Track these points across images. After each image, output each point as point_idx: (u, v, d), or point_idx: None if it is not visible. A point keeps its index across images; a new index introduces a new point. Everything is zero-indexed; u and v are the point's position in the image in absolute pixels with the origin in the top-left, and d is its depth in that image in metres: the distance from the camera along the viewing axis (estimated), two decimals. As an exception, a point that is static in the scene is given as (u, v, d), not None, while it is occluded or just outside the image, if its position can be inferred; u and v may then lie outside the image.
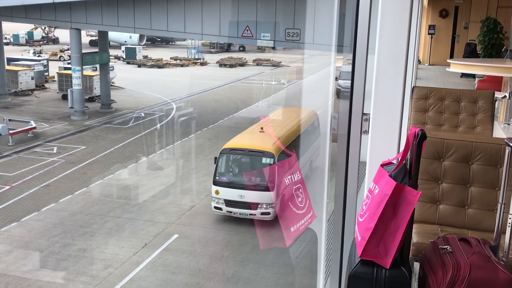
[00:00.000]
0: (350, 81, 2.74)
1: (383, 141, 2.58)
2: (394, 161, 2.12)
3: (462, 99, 5.58)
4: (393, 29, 2.50)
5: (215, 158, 16.41)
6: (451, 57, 23.24)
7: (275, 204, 12.72)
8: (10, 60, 41.46)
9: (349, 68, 2.63)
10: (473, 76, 17.08)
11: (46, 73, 43.88)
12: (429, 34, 25.37)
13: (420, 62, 24.26)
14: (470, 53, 20.81)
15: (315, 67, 50.08)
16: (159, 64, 57.44)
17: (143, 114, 33.50)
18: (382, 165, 2.10)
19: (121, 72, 45.79)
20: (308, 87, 43.84)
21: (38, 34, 73.31)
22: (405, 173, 2.00)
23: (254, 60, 62.48)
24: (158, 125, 31.21)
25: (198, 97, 41.61)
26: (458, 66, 11.08)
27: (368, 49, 2.65)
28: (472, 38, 21.97)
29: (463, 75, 18.19)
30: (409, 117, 5.44)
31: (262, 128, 17.05)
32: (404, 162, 2.03)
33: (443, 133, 5.00)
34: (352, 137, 2.69)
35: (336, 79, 21.60)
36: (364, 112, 2.69)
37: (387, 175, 1.98)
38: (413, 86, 5.88)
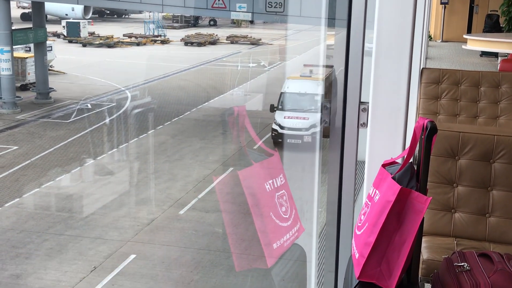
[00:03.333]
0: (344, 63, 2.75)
1: (385, 136, 2.60)
2: (399, 160, 2.13)
3: (481, 83, 5.64)
4: (396, -4, 2.51)
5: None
6: (469, 32, 23.53)
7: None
8: None
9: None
10: (495, 55, 17.31)
11: (-34, 55, 43.30)
12: (441, 3, 25.68)
13: (431, 38, 24.57)
14: (492, 26, 21.13)
15: (303, 45, 50.27)
16: (109, 43, 57.04)
17: (89, 106, 33.27)
18: (383, 166, 2.11)
19: (61, 53, 45.33)
20: (294, 70, 43.94)
21: (-45, 6, 72.15)
22: (412, 174, 2.02)
23: (227, 37, 62.45)
24: (108, 120, 31.00)
25: (158, 83, 41.43)
26: (476, 43, 11.22)
27: (365, 23, 2.66)
28: (494, 8, 22.26)
29: (483, 53, 18.45)
30: (417, 106, 5.50)
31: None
32: (410, 161, 2.04)
33: (459, 125, 5.05)
34: (348, 131, 2.70)
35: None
36: (361, 100, 2.70)
37: (390, 177, 1.99)
38: (422, 68, 5.94)
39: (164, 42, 60.91)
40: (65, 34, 58.70)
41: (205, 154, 24.73)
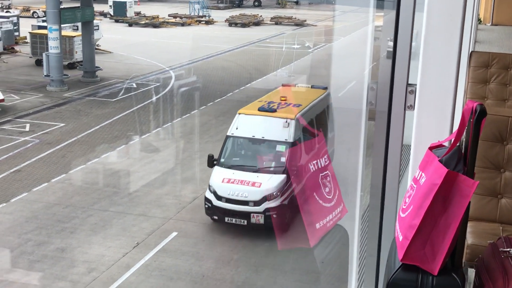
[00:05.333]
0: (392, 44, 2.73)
1: (432, 119, 2.57)
2: (446, 144, 2.11)
3: (532, 67, 5.52)
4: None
5: None
6: (521, 14, 22.85)
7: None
8: (-29, 17, 41.77)
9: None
10: (547, 39, 16.82)
11: (16, 33, 44.19)
12: (492, -14, 24.95)
13: (481, 21, 23.94)
14: (545, 10, 20.44)
15: (349, 27, 49.71)
16: (154, 23, 57.46)
17: (135, 85, 33.65)
18: (430, 148, 2.10)
19: (108, 33, 45.91)
20: (339, 52, 43.52)
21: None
22: (459, 158, 2.00)
23: (272, 18, 62.24)
24: (154, 98, 31.36)
25: (202, 63, 41.62)
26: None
27: (415, 4, 2.63)
28: (548, -10, 21.57)
29: (535, 37, 17.92)
30: (465, 90, 5.41)
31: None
32: (458, 144, 2.02)
33: (508, 109, 4.96)
34: (394, 113, 2.68)
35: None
36: (409, 82, 2.68)
37: (437, 160, 1.98)
38: (471, 51, 5.83)
39: (208, 22, 61.06)
40: (112, 14, 59.39)
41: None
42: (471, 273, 2.34)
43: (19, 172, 19.84)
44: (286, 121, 15.73)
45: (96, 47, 38.39)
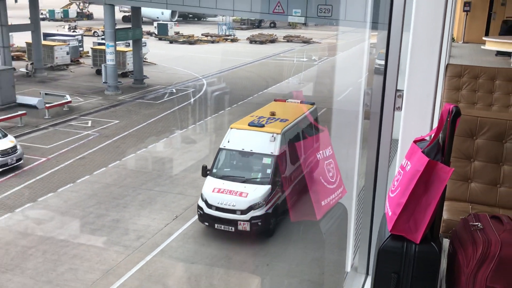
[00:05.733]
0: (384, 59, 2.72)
1: (416, 118, 2.57)
2: (427, 138, 2.10)
3: (497, 77, 5.45)
4: (429, 6, 2.46)
5: None
6: (486, 35, 22.56)
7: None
8: (46, 35, 42.13)
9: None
10: (508, 54, 16.58)
11: (81, 48, 44.51)
12: (464, 11, 24.65)
13: (454, 40, 23.63)
14: (507, 31, 20.16)
15: (347, 44, 49.37)
16: (190, 41, 57.51)
17: (174, 90, 33.76)
18: (415, 142, 2.09)
19: (153, 48, 46.04)
20: (340, 63, 43.28)
21: (73, 12, 74.21)
22: (438, 150, 1.99)
23: (284, 37, 61.96)
24: (192, 100, 31.47)
25: (228, 73, 41.61)
26: (493, 44, 10.78)
27: (403, 26, 2.62)
28: (510, 15, 21.25)
29: (498, 53, 17.67)
30: (442, 95, 5.35)
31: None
32: (437, 139, 2.01)
33: (477, 111, 4.91)
34: (385, 113, 2.68)
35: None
36: (397, 88, 2.67)
37: (420, 151, 1.97)
38: (447, 64, 5.76)
39: (233, 40, 60.99)
40: (156, 33, 59.53)
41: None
42: (446, 242, 2.33)
43: (83, 158, 20.00)
44: (272, 136, 14.32)
45: (144, 59, 38.56)
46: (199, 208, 14.06)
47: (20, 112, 24.13)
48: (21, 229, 14.19)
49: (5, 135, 19.01)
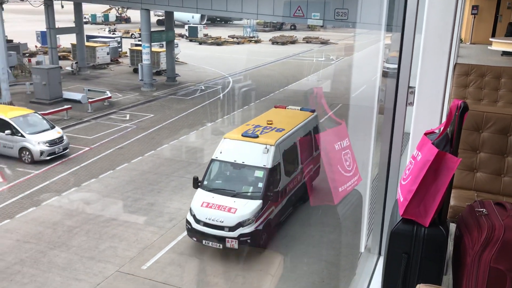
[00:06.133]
0: (397, 60, 2.71)
1: (427, 112, 2.56)
2: (437, 131, 2.10)
3: (502, 75, 5.35)
4: (440, 10, 2.44)
5: None
6: (493, 36, 22.05)
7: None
8: (88, 37, 42.66)
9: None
10: (513, 54, 16.21)
11: (120, 49, 44.96)
12: (472, 14, 24.13)
13: (462, 41, 23.17)
14: (512, 32, 19.66)
15: (362, 45, 48.79)
16: (218, 42, 57.60)
17: (203, 87, 33.89)
18: (425, 134, 2.09)
19: (184, 49, 46.24)
20: (355, 63, 42.87)
21: (112, 16, 74.98)
22: (447, 141, 1.99)
23: (304, 38, 61.58)
24: (220, 95, 31.60)
25: (253, 72, 41.57)
26: (499, 45, 10.55)
27: (416, 28, 2.60)
28: (515, 18, 20.72)
29: (504, 53, 17.28)
30: (450, 92, 5.28)
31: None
32: (446, 131, 2.01)
33: (483, 106, 4.84)
34: (398, 108, 2.67)
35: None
36: (410, 85, 2.66)
37: (430, 143, 1.98)
38: (455, 63, 5.68)
39: (257, 41, 60.84)
40: (187, 35, 59.74)
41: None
42: (452, 227, 2.32)
43: (122, 148, 20.26)
44: (266, 147, 12.58)
45: (176, 59, 38.78)
46: (187, 222, 12.35)
47: (66, 106, 24.54)
48: (67, 210, 14.47)
49: (53, 127, 19.36)
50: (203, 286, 11.38)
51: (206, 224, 11.95)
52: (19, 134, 18.09)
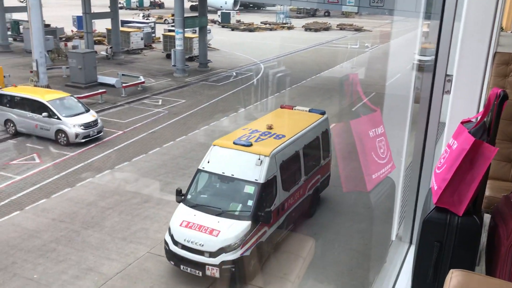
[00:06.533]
0: (435, 47, 2.68)
1: (464, 101, 2.53)
2: (474, 120, 2.08)
3: (543, 65, 5.18)
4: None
5: None
6: (536, 24, 21.20)
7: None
8: (123, 23, 43.27)
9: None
10: (558, 43, 15.58)
11: (153, 35, 45.43)
12: (514, 1, 23.22)
13: (503, 29, 22.38)
14: (557, 20, 18.85)
15: (398, 32, 47.81)
16: (250, 28, 57.44)
17: (235, 73, 33.97)
18: (462, 123, 2.07)
19: (216, 35, 46.32)
20: (390, 50, 42.09)
21: (147, 1, 75.73)
22: (484, 131, 1.97)
23: (338, 25, 60.75)
24: (250, 82, 31.66)
25: (285, 58, 41.36)
26: (543, 34, 10.12)
27: (455, 15, 2.56)
28: (560, 5, 19.86)
29: (547, 42, 16.65)
30: (489, 82, 5.16)
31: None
32: (483, 121, 1.99)
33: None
34: (434, 96, 2.65)
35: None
36: (447, 73, 2.63)
37: (467, 131, 1.96)
38: (495, 52, 5.53)
39: (289, 28, 60.38)
40: (220, 21, 59.79)
41: (316, 112, 24.60)
42: (486, 218, 2.31)
43: (154, 133, 20.59)
44: (259, 158, 10.73)
45: (208, 45, 38.92)
46: (166, 242, 10.66)
47: (100, 90, 25.05)
48: (101, 192, 14.86)
49: (88, 110, 19.83)
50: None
51: (185, 247, 10.21)
52: (56, 117, 18.61)
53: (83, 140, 18.67)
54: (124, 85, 26.57)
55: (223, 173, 11.09)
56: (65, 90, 22.92)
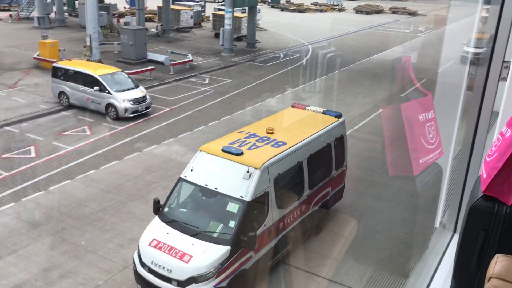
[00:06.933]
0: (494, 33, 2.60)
1: None
2: (531, 108, 2.03)
3: None
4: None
5: None
6: None
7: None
8: (174, 1, 43.75)
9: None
10: None
11: (203, 13, 45.75)
12: None
13: None
14: None
15: (454, 18, 46.00)
16: (300, 9, 56.79)
17: (282, 54, 33.80)
18: (517, 110, 2.03)
19: (265, 15, 46.10)
20: (445, 36, 40.61)
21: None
22: (540, 119, 1.93)
23: (390, 8, 59.08)
24: (300, 63, 31.48)
25: (334, 40, 40.73)
26: None
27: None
28: None
29: None
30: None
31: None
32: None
33: None
34: (489, 82, 2.58)
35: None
36: (505, 59, 2.56)
37: (522, 119, 1.93)
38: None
39: (340, 10, 59.26)
40: (269, 1, 59.43)
41: (362, 97, 24.22)
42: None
43: (200, 111, 20.89)
44: (248, 171, 9.04)
45: (257, 25, 38.79)
46: (134, 262, 9.29)
47: (150, 67, 25.58)
48: (147, 166, 15.30)
49: (137, 86, 20.32)
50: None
51: (151, 271, 8.81)
52: (106, 91, 19.20)
53: (132, 115, 19.20)
54: (172, 62, 27.00)
55: (206, 185, 9.36)
56: (116, 66, 23.55)
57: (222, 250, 8.61)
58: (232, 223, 8.84)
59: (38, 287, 9.65)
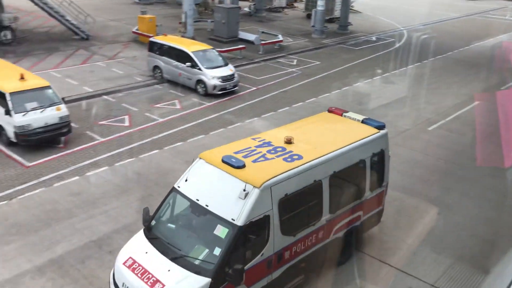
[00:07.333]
0: None
1: None
2: None
3: None
4: None
5: None
6: None
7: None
8: (268, -20, 43.70)
9: None
10: None
11: (296, -7, 45.41)
12: None
13: None
14: None
15: None
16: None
17: (374, 38, 32.81)
18: None
19: (361, -3, 44.82)
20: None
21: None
22: None
23: (498, -7, 54.71)
24: (396, 46, 30.44)
25: (432, 26, 38.73)
26: None
27: None
28: None
29: None
30: None
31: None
32: None
33: None
34: None
35: None
36: None
37: None
38: None
39: (442, -7, 55.90)
40: (366, -17, 57.55)
41: (457, 87, 22.92)
42: None
43: (285, 92, 20.97)
44: (245, 189, 7.47)
45: (351, 7, 37.90)
46: (112, 276, 8.13)
47: (240, 46, 26.03)
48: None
49: (226, 64, 20.80)
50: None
51: None
52: (197, 67, 19.86)
53: (220, 92, 19.74)
54: (262, 42, 27.23)
55: (197, 200, 7.94)
56: (208, 43, 24.23)
57: (200, 282, 7.12)
58: (217, 251, 7.34)
59: (122, 239, 10.41)
